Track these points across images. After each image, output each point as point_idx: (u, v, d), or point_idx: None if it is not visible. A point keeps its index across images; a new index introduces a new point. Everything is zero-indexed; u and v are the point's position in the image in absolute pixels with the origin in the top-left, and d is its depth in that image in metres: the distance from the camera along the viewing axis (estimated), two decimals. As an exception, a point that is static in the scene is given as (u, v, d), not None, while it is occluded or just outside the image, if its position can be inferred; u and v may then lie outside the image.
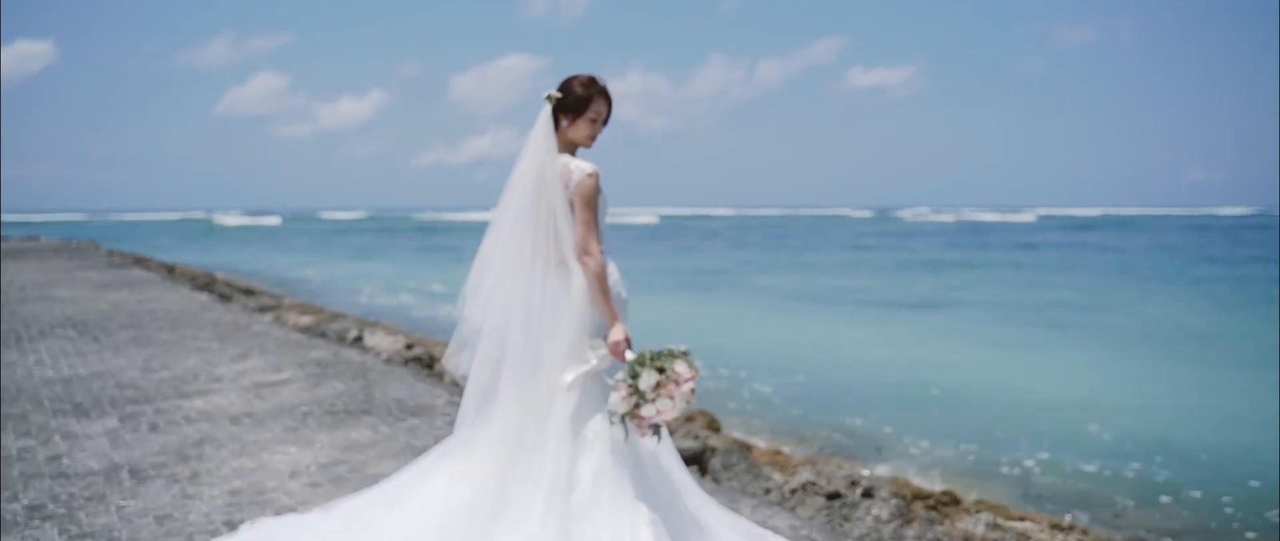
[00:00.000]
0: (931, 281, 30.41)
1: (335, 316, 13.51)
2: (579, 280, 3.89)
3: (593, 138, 3.98)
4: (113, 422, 6.58)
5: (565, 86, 3.97)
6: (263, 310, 13.67)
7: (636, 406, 3.72)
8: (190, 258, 36.24)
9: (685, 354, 3.81)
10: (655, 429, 3.80)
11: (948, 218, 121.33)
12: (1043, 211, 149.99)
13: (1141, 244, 54.70)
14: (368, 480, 5.14)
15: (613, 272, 3.99)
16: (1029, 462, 9.53)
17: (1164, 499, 8.50)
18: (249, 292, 17.02)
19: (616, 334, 3.85)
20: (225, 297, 15.40)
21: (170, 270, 21.77)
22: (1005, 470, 9.34)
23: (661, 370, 3.69)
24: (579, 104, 3.93)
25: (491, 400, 3.90)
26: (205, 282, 18.05)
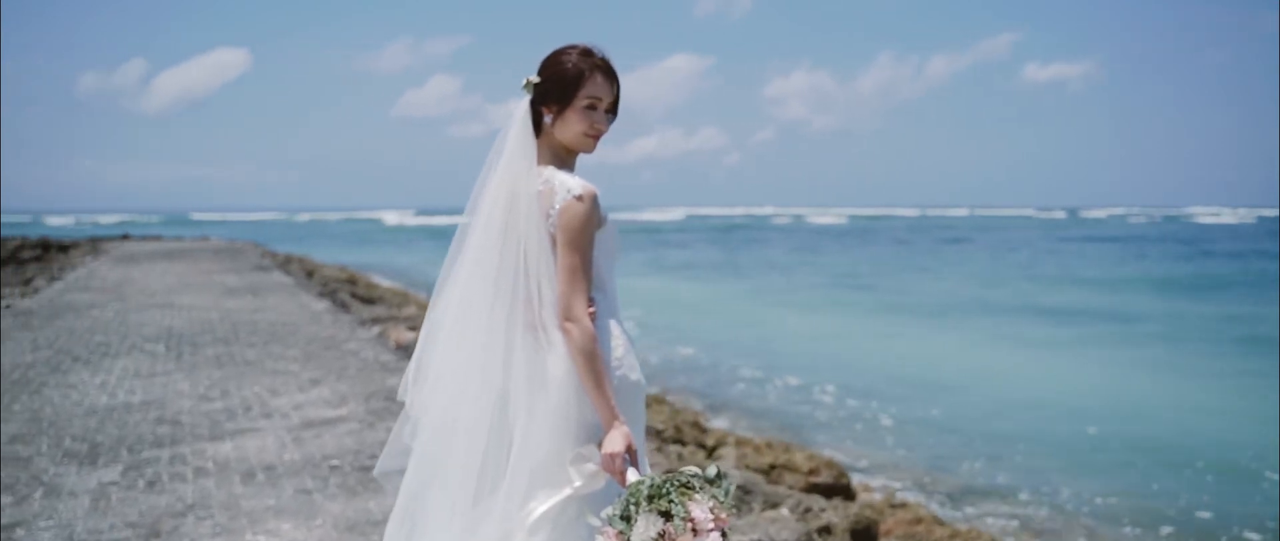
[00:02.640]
0: (1140, 295, 27.43)
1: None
2: (562, 356, 2.57)
3: (592, 136, 2.64)
4: (114, 474, 5.65)
5: (547, 64, 2.66)
6: (374, 321, 12.88)
7: (631, 562, 2.37)
8: (349, 257, 36.69)
9: (714, 482, 2.43)
10: (665, 592, 2.42)
11: (1150, 218, 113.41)
12: (1264, 212, 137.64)
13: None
14: (347, 586, 3.97)
15: (615, 344, 2.64)
16: (1203, 516, 7.76)
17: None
18: (370, 301, 16.37)
19: (614, 442, 2.51)
20: (343, 306, 14.75)
21: (310, 274, 21.56)
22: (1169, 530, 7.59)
23: (668, 514, 2.32)
24: (566, 87, 2.60)
25: (417, 536, 2.63)
26: (332, 289, 17.55)
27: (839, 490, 7.60)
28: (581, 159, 2.73)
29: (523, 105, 2.67)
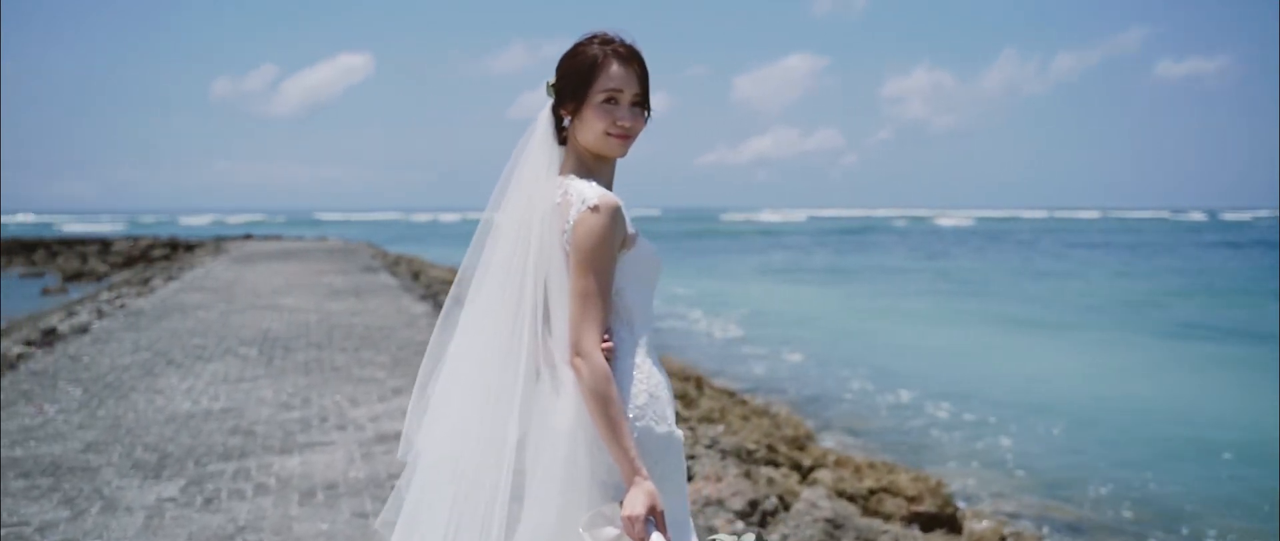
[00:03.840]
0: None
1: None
2: (572, 398, 2.16)
3: (616, 135, 2.22)
4: (174, 489, 5.47)
5: (563, 60, 2.26)
6: (470, 327, 12.72)
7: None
8: (460, 258, 37.02)
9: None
10: None
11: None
12: None
13: None
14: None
15: (638, 390, 2.21)
16: None
17: None
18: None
19: (634, 502, 2.08)
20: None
21: (416, 275, 21.67)
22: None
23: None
24: (580, 81, 2.20)
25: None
26: (435, 291, 17.52)
27: (943, 521, 7.01)
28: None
29: (544, 110, 2.29)
